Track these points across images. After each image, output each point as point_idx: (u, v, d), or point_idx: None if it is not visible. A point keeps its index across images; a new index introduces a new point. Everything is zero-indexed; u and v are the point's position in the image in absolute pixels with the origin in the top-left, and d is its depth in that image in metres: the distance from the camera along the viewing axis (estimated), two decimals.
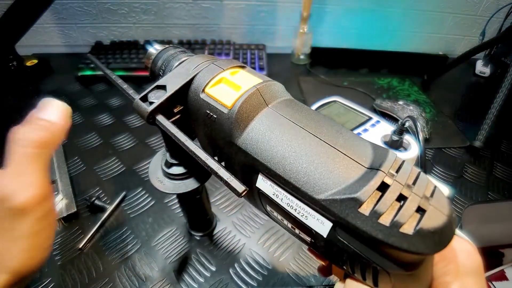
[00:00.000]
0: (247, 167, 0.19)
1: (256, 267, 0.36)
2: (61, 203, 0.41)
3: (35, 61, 0.72)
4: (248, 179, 0.18)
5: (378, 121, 0.45)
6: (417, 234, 0.13)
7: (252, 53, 0.77)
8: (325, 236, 0.16)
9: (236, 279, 0.35)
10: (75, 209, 0.41)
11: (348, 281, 0.18)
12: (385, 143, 0.40)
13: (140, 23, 0.82)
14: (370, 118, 0.46)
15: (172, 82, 0.21)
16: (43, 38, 0.82)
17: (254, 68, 0.72)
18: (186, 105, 0.22)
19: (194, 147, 0.19)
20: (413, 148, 0.39)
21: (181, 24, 0.83)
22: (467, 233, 0.40)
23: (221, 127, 0.19)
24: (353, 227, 0.14)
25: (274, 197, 0.18)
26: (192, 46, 0.77)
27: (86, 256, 0.37)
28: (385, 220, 0.14)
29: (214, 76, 0.21)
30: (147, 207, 0.43)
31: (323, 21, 0.86)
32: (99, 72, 0.68)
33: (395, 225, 0.13)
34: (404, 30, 0.89)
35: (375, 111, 0.62)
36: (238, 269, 0.36)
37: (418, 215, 0.14)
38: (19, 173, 0.18)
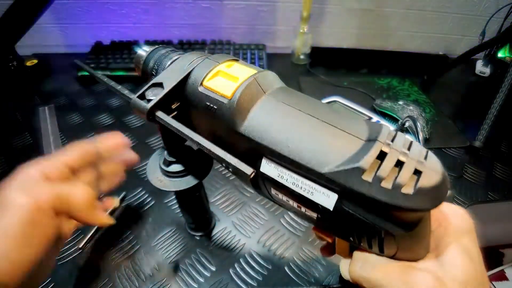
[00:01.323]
0: (250, 153, 0.19)
1: (256, 267, 0.36)
2: None
3: (35, 61, 0.72)
4: (252, 166, 0.18)
5: (378, 121, 0.45)
6: (417, 193, 0.15)
7: (252, 53, 0.77)
8: (331, 209, 0.17)
9: (236, 279, 0.35)
10: None
11: (355, 253, 0.20)
12: None
13: (140, 23, 0.82)
14: (370, 118, 0.46)
15: (169, 79, 0.22)
16: (43, 38, 0.82)
17: None
18: (183, 100, 0.22)
19: (198, 137, 0.19)
20: None
21: (181, 24, 0.83)
22: None
23: (222, 117, 0.20)
24: (358, 194, 0.15)
25: (279, 179, 0.19)
26: (192, 46, 0.77)
27: (86, 256, 0.37)
28: (387, 184, 0.15)
29: (211, 69, 0.21)
30: (147, 207, 0.43)
31: (323, 21, 0.86)
32: (99, 72, 0.68)
33: (397, 187, 0.15)
34: (404, 30, 0.89)
35: (375, 111, 0.62)
36: (238, 269, 0.36)
37: (415, 177, 0.15)
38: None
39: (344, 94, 0.57)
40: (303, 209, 0.19)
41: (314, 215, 0.19)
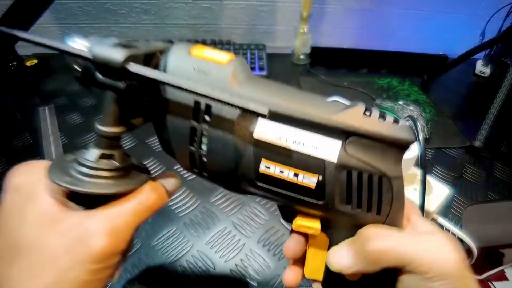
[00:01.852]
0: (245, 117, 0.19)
1: (256, 267, 0.36)
2: None
3: (35, 61, 0.72)
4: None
5: None
6: (408, 128, 0.19)
7: (252, 53, 0.77)
8: (335, 160, 0.18)
9: (236, 278, 0.35)
10: None
11: (364, 230, 0.19)
12: None
13: (140, 23, 0.82)
14: None
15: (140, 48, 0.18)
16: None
17: (254, 68, 0.72)
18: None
19: (192, 85, 0.16)
20: (413, 148, 0.39)
21: (181, 24, 0.83)
22: (467, 233, 0.40)
23: (216, 85, 0.18)
24: (365, 132, 0.18)
25: (277, 141, 0.18)
26: None
27: None
28: (389, 120, 0.19)
29: (191, 47, 0.19)
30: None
31: (323, 21, 0.86)
32: None
33: (396, 121, 0.19)
34: (404, 30, 0.89)
35: None
36: (238, 269, 0.36)
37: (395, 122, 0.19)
38: (114, 220, 0.17)
39: (344, 94, 0.57)
40: (300, 177, 0.18)
41: (314, 179, 0.18)
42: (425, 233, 0.20)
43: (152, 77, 0.17)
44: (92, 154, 0.18)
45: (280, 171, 0.19)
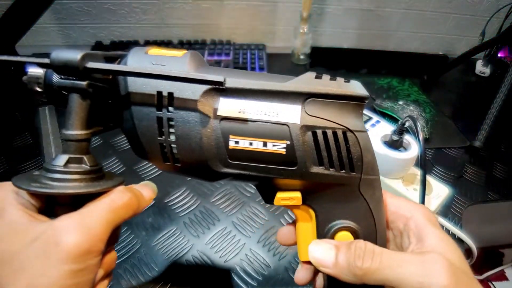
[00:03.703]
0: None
1: (256, 267, 0.36)
2: None
3: None
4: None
5: (378, 121, 0.45)
6: (359, 85, 0.21)
7: (252, 53, 0.77)
8: (298, 122, 0.19)
9: (236, 278, 0.35)
10: None
11: (356, 245, 0.19)
12: (385, 143, 0.40)
13: (140, 23, 0.82)
14: (370, 118, 0.46)
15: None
16: (43, 38, 0.82)
17: (254, 68, 0.72)
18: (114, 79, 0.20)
19: (152, 71, 0.18)
20: (413, 148, 0.39)
21: (181, 24, 0.83)
22: (467, 233, 0.40)
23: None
24: (319, 92, 0.20)
25: (241, 115, 0.19)
26: (192, 46, 0.78)
27: None
28: (339, 79, 0.20)
29: (148, 48, 0.21)
30: (147, 207, 0.43)
31: (323, 21, 0.86)
32: None
33: (347, 80, 0.21)
34: (404, 30, 0.89)
35: (375, 111, 0.62)
36: (238, 269, 0.36)
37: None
38: (85, 217, 0.17)
39: None
40: (269, 145, 0.19)
41: (283, 144, 0.19)
42: (421, 253, 0.19)
43: (111, 69, 0.18)
44: (60, 159, 0.18)
45: (249, 144, 0.19)
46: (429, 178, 0.41)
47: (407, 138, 0.40)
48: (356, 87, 0.20)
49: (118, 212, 0.18)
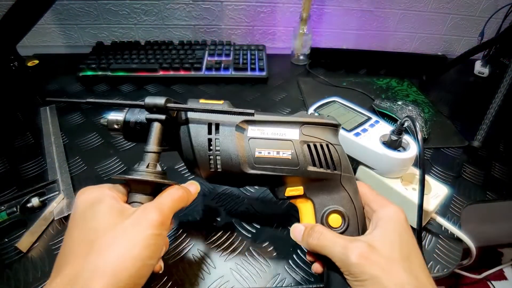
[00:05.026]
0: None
1: (256, 265, 0.37)
2: (62, 202, 0.41)
3: (36, 61, 0.72)
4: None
5: (377, 121, 0.45)
6: (333, 117, 0.31)
7: (252, 53, 0.77)
8: (298, 138, 0.30)
9: (236, 277, 0.35)
10: None
11: (316, 228, 0.28)
12: (384, 143, 0.41)
13: (141, 23, 0.83)
14: (369, 118, 0.46)
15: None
16: (44, 38, 0.82)
17: (254, 69, 0.73)
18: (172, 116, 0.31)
19: (208, 107, 0.29)
20: (412, 148, 0.40)
21: (182, 25, 0.84)
22: (466, 233, 0.40)
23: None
24: (309, 121, 0.30)
25: (262, 135, 0.30)
26: (192, 47, 0.78)
27: None
28: (322, 114, 0.33)
29: (200, 99, 0.32)
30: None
31: (322, 22, 0.86)
32: (100, 73, 0.68)
33: (331, 118, 0.31)
34: (403, 31, 0.90)
35: (374, 111, 0.62)
36: (238, 267, 0.36)
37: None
38: (159, 203, 0.25)
39: (343, 95, 0.57)
40: (280, 153, 0.29)
41: (289, 152, 0.29)
42: (353, 239, 0.26)
43: (184, 107, 0.29)
44: (143, 163, 0.28)
45: (268, 152, 0.30)
46: (428, 178, 0.41)
47: (406, 138, 0.41)
48: (332, 119, 0.31)
49: (177, 202, 0.27)
